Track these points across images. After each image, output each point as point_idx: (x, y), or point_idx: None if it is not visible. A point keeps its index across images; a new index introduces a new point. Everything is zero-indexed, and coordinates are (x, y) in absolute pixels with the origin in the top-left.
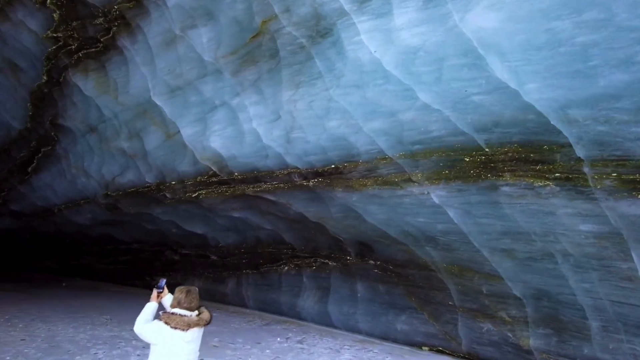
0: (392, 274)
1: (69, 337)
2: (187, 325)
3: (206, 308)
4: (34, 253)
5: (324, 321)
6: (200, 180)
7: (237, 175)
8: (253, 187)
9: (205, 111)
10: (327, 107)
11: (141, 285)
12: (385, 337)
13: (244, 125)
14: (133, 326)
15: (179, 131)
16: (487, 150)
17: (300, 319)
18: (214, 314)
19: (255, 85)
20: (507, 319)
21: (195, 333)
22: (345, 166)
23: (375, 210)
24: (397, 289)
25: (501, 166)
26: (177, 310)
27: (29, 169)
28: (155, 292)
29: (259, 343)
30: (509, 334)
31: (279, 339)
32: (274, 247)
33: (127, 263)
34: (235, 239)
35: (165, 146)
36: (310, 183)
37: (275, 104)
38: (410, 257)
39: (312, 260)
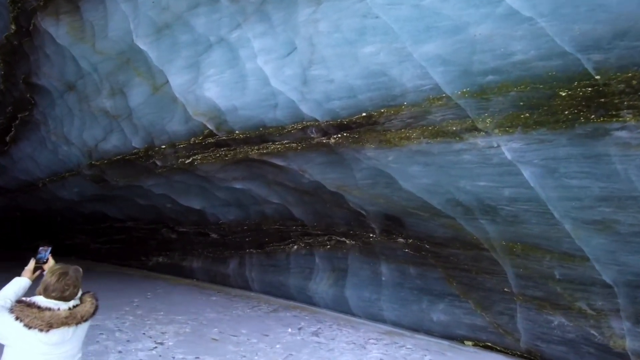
0: (427, 254)
1: None
2: (48, 325)
3: (92, 296)
4: (25, 232)
5: (340, 307)
6: (195, 142)
7: (238, 134)
8: (258, 149)
9: (199, 52)
10: (361, 26)
11: (137, 266)
12: (415, 329)
13: (247, 66)
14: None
15: (167, 81)
16: (597, 78)
17: (312, 304)
18: (214, 298)
19: (261, 10)
20: (588, 311)
21: (67, 333)
22: (382, 113)
23: (417, 173)
24: (434, 271)
25: (618, 101)
26: (38, 300)
27: (7, 139)
28: (31, 263)
29: (266, 335)
30: (593, 331)
31: (290, 329)
32: (281, 224)
33: (122, 242)
34: (237, 215)
35: (152, 102)
36: (332, 140)
37: (288, 32)
38: (455, 234)
39: (325, 238)
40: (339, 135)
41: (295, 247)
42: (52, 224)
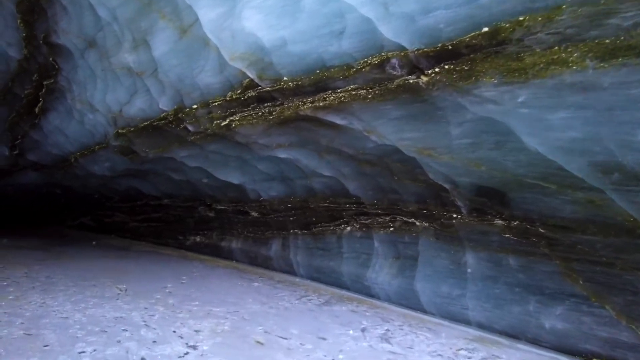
0: (539, 241)
1: (59, 319)
2: None
3: None
4: (68, 209)
5: (408, 303)
6: (232, 98)
7: (286, 82)
8: (312, 102)
9: None
10: None
11: (175, 245)
12: (515, 335)
13: None
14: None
15: (196, 19)
16: None
17: (370, 295)
18: (255, 285)
19: None
20: None
21: None
22: (521, 23)
23: (561, 122)
24: (547, 264)
25: None
26: None
27: (37, 110)
28: None
29: (323, 338)
30: None
31: (351, 330)
32: (331, 201)
33: (159, 220)
34: (280, 191)
35: (180, 49)
36: (423, 79)
37: None
38: (592, 213)
39: (387, 218)
40: (437, 70)
41: (349, 228)
42: (92, 202)
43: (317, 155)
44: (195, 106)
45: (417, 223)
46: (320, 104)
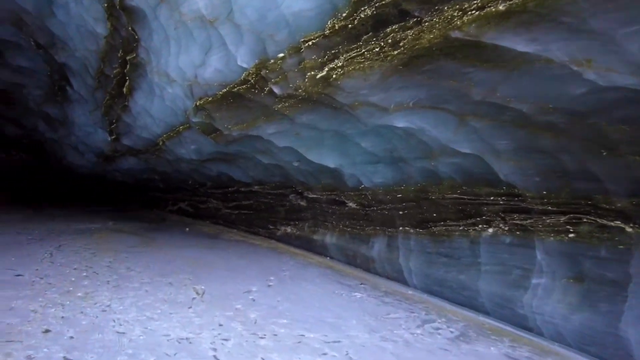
0: None
1: (113, 335)
2: None
3: None
4: (166, 194)
5: (603, 352)
6: (334, 30)
7: None
8: (480, 7)
9: None
10: None
11: (265, 235)
12: None
13: None
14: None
15: None
16: None
17: (527, 328)
18: (358, 296)
19: None
20: None
21: None
22: None
23: None
24: None
25: None
26: None
27: (125, 90)
28: None
29: None
30: None
31: None
32: (465, 191)
33: (250, 208)
34: (387, 177)
35: None
36: None
37: None
38: None
39: (564, 218)
40: None
41: (491, 230)
42: (187, 187)
43: (457, 121)
44: (281, 55)
45: (628, 229)
46: (493, 13)
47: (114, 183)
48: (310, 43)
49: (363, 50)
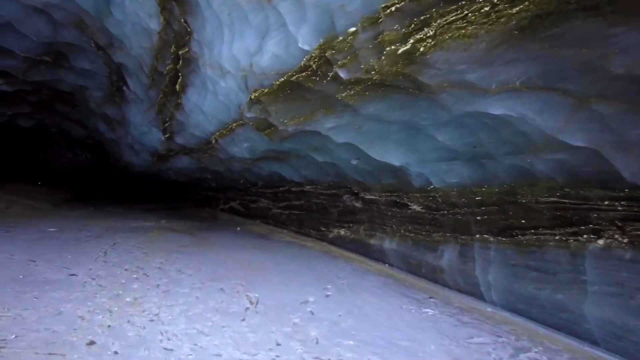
0: None
1: (160, 353)
2: None
3: None
4: (219, 193)
5: None
6: None
7: None
8: None
9: None
10: None
11: (316, 237)
12: None
13: None
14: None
15: None
16: None
17: None
18: (429, 313)
19: None
20: None
21: None
22: None
23: None
24: None
25: None
26: None
27: (177, 87)
28: None
29: None
30: None
31: None
32: (566, 194)
33: (301, 209)
34: (464, 176)
35: None
36: None
37: None
38: None
39: None
40: None
41: (602, 241)
42: (238, 187)
43: (573, 105)
44: (353, 29)
45: None
46: None
47: (168, 182)
48: (392, 9)
49: (466, 12)
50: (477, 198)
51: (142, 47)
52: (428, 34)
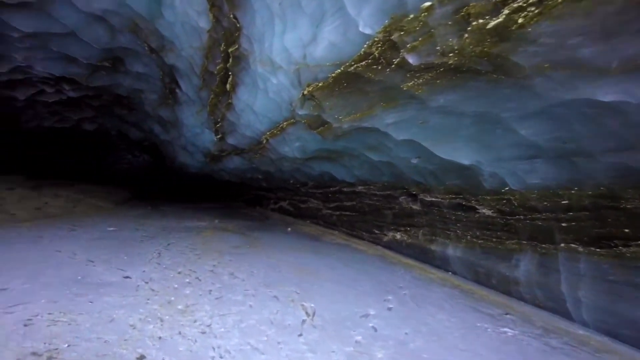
0: None
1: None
2: None
3: None
4: (269, 193)
5: None
6: None
7: None
8: None
9: None
10: None
11: (369, 240)
12: None
13: None
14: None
15: None
16: None
17: None
18: (509, 333)
19: None
20: None
21: None
22: None
23: None
24: None
25: None
26: None
27: (228, 86)
28: None
29: None
30: None
31: None
32: None
33: (353, 210)
34: (548, 176)
35: None
36: None
37: None
38: None
39: None
40: None
41: None
42: (288, 187)
43: None
44: (428, 3)
45: None
46: None
47: (221, 182)
48: None
49: None
50: (563, 202)
51: (193, 47)
52: (530, 1)
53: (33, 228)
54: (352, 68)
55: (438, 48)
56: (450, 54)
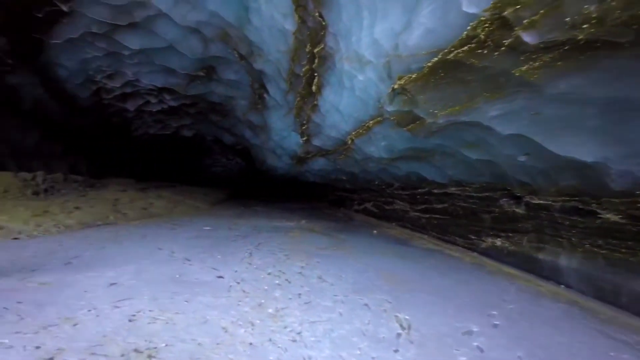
0: None
1: None
2: None
3: None
4: (353, 194)
5: None
6: None
7: None
8: None
9: None
10: None
11: (464, 245)
12: None
13: None
14: None
15: None
16: None
17: None
18: None
19: None
20: None
21: None
22: None
23: None
24: None
25: None
26: None
27: (314, 88)
28: None
29: None
30: None
31: None
32: None
33: (444, 212)
34: None
35: None
36: None
37: None
38: None
39: None
40: None
41: None
42: (372, 188)
43: None
44: None
45: None
46: None
47: (306, 183)
48: None
49: None
50: None
51: (279, 50)
52: None
53: (140, 226)
54: (452, 55)
55: (567, 20)
56: (585, 26)
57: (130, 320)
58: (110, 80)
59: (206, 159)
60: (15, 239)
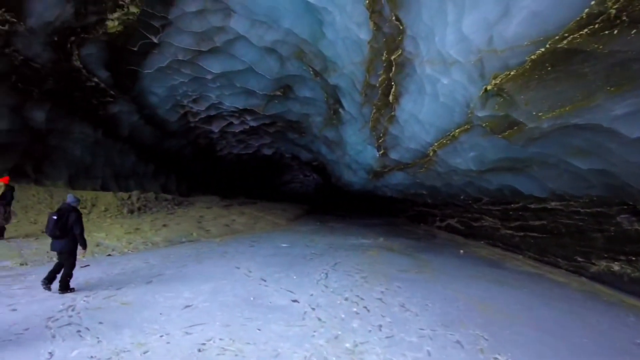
0: None
1: None
2: None
3: None
4: (434, 209)
5: None
6: None
7: None
8: None
9: None
10: None
11: (568, 268)
12: None
13: None
14: None
15: None
16: None
17: None
18: None
19: None
20: None
21: None
22: None
23: None
24: None
25: None
26: None
27: (391, 98)
28: None
29: None
30: None
31: None
32: None
33: (542, 231)
34: None
35: None
36: None
37: None
38: None
39: None
40: None
41: None
42: (457, 203)
43: None
44: None
45: None
46: None
47: (383, 198)
48: None
49: None
50: None
51: (354, 62)
52: None
53: (222, 244)
54: (565, 42)
55: None
56: None
57: (199, 350)
58: (195, 104)
59: (285, 176)
60: (109, 255)
